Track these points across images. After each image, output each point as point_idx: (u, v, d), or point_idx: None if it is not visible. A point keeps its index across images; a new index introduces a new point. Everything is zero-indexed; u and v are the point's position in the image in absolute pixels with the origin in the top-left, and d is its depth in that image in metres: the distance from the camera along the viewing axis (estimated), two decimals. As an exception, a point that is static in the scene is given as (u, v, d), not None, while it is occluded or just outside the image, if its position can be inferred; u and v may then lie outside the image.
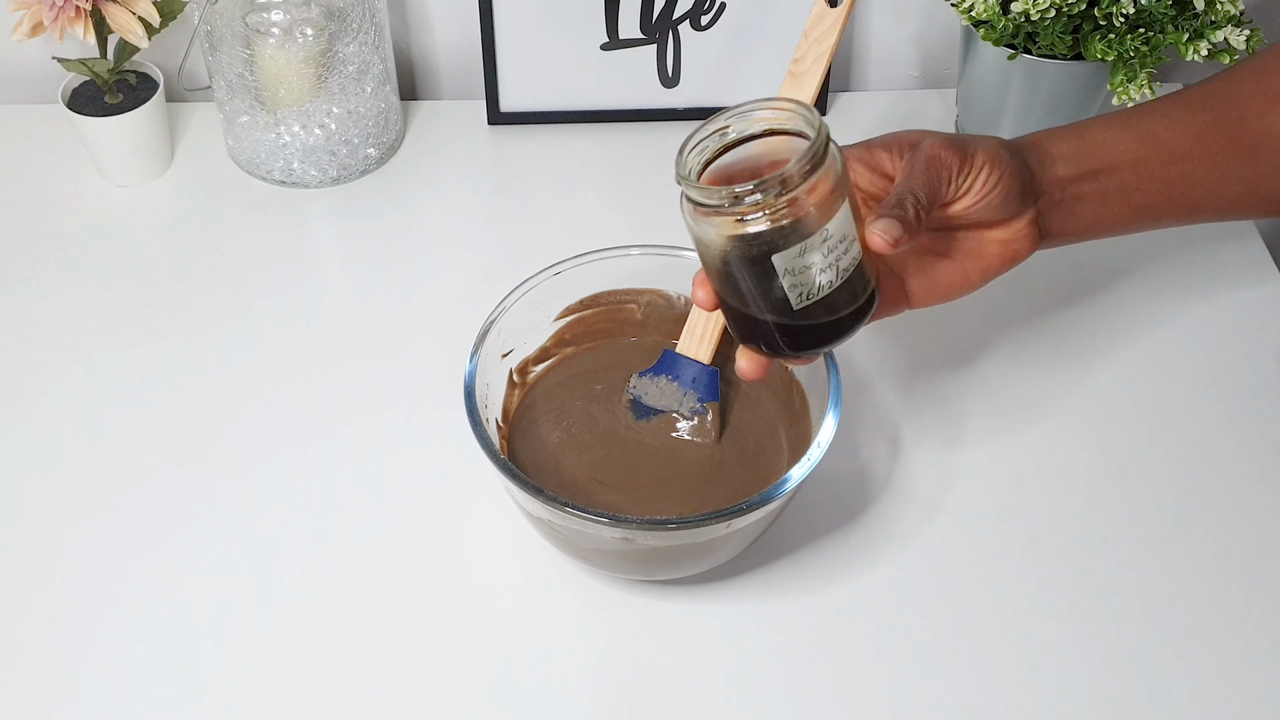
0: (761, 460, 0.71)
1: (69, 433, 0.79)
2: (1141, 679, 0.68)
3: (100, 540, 0.73)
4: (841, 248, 0.56)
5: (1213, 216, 0.71)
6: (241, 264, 0.90)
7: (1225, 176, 0.68)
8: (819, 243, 0.55)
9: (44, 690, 0.67)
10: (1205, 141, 0.67)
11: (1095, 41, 0.86)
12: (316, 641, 0.69)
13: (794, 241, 0.54)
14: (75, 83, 0.93)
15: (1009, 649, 0.69)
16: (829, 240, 0.55)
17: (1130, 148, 0.66)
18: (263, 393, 0.81)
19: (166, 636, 0.69)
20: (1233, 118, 0.67)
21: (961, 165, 0.60)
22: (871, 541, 0.73)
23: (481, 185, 0.98)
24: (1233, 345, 0.84)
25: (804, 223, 0.54)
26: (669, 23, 0.95)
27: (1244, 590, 0.72)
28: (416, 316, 0.86)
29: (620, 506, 0.68)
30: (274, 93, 0.91)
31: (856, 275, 0.57)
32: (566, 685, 0.68)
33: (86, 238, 0.91)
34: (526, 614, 0.71)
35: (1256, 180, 0.68)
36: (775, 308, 0.57)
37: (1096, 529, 0.74)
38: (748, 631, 0.70)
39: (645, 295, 0.75)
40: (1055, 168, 0.64)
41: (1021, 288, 0.88)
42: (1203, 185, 0.68)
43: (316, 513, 0.75)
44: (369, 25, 0.91)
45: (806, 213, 0.54)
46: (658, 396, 0.72)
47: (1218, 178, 0.68)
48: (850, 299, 0.58)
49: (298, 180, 0.95)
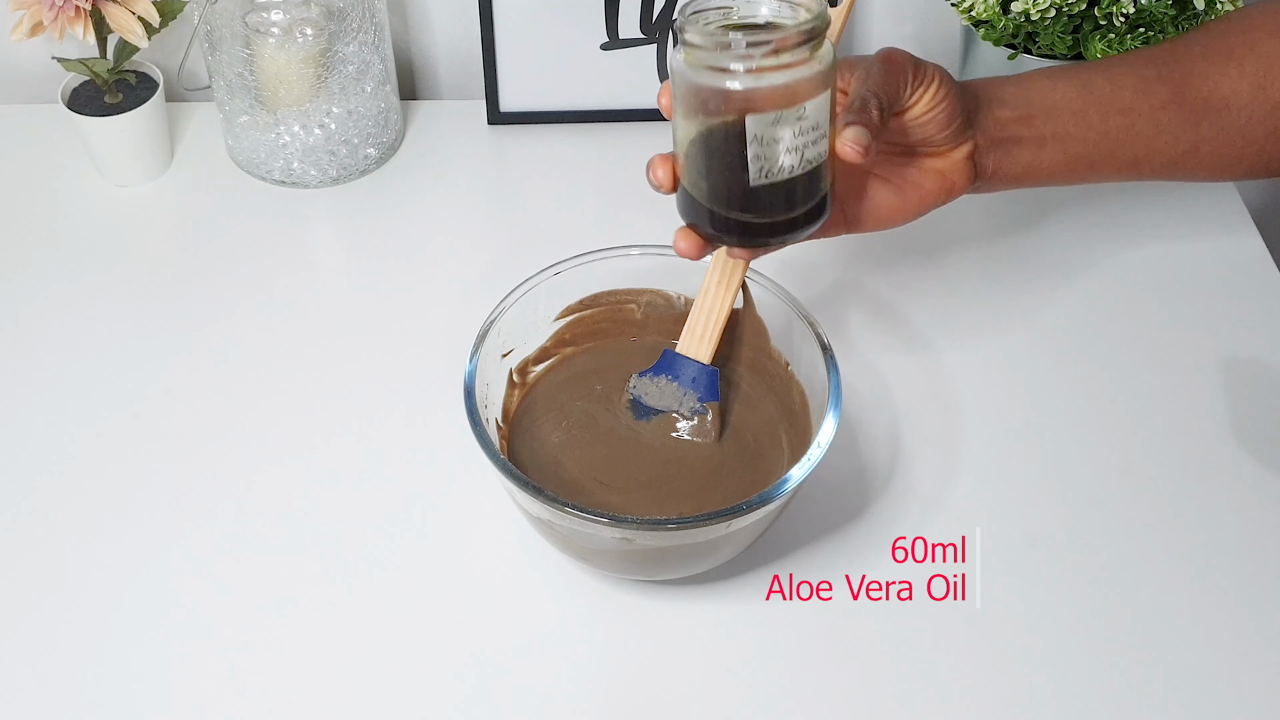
0: (761, 460, 0.71)
1: (68, 432, 0.79)
2: (1142, 678, 0.68)
3: (100, 539, 0.73)
4: (812, 135, 0.57)
5: (1154, 174, 0.72)
6: (241, 264, 0.90)
7: (1166, 133, 0.69)
8: (793, 118, 0.56)
9: (43, 689, 0.67)
10: (1147, 96, 0.68)
11: (1095, 41, 0.86)
12: (316, 641, 0.69)
13: (770, 107, 0.56)
14: (75, 83, 0.93)
15: (1009, 649, 0.69)
16: (803, 121, 0.56)
17: (1070, 96, 0.67)
18: (262, 392, 0.81)
19: (166, 636, 0.69)
20: (1178, 76, 0.69)
21: (915, 72, 0.62)
22: (871, 541, 0.73)
23: (481, 185, 0.98)
24: (1233, 345, 0.84)
25: (784, 90, 0.56)
26: (669, 23, 0.95)
27: (1245, 590, 0.72)
28: (416, 316, 0.86)
29: (620, 506, 0.68)
30: (274, 93, 0.91)
31: (817, 172, 0.59)
32: (566, 685, 0.68)
33: (86, 238, 0.91)
34: (526, 614, 0.71)
35: (1199, 140, 0.69)
36: (733, 181, 0.58)
37: (1096, 529, 0.74)
38: (748, 631, 0.70)
39: (645, 295, 0.75)
40: (995, 109, 0.66)
41: (1022, 288, 0.88)
42: (1143, 139, 0.69)
43: (316, 513, 0.75)
44: (369, 25, 0.91)
45: (789, 82, 0.55)
46: (658, 396, 0.71)
47: (1159, 133, 0.69)
48: (806, 195, 0.59)
49: (298, 180, 0.95)
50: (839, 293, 0.87)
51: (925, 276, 0.89)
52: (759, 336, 0.74)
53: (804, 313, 0.70)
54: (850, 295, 0.87)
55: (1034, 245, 0.92)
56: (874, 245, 0.90)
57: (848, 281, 0.88)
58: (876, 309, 0.86)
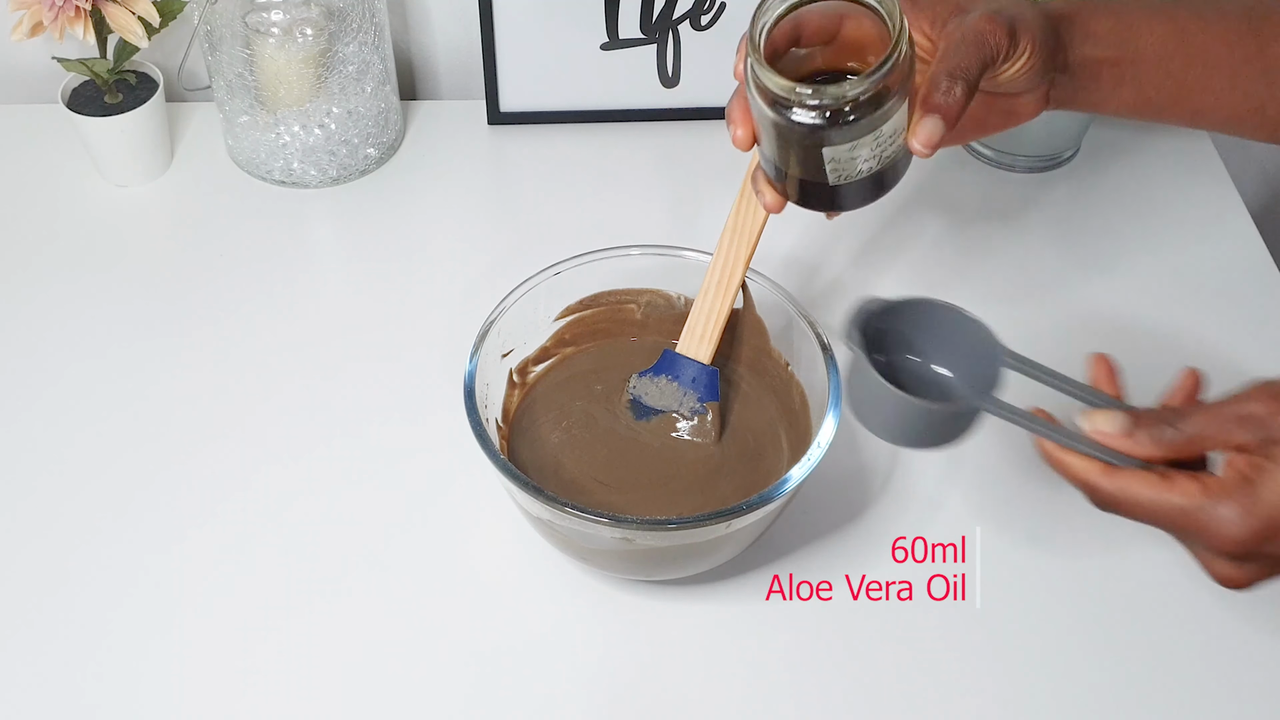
0: (761, 460, 0.71)
1: (68, 432, 0.79)
2: (1141, 678, 0.68)
3: (100, 539, 0.73)
4: (891, 140, 0.55)
5: (1214, 126, 0.70)
6: (241, 264, 0.90)
7: (1239, 90, 0.66)
8: (870, 140, 0.54)
9: (44, 689, 0.67)
10: (1232, 50, 0.65)
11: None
12: (315, 641, 0.69)
13: (847, 140, 0.54)
14: (75, 83, 0.93)
15: (1009, 649, 0.69)
16: (880, 138, 0.55)
17: (1162, 42, 0.64)
18: (262, 392, 0.81)
19: (165, 636, 0.69)
20: (1266, 31, 0.66)
21: (1010, 47, 0.58)
22: (871, 541, 0.73)
23: (481, 185, 0.98)
24: (1232, 344, 0.84)
25: (859, 124, 0.53)
26: (669, 23, 0.95)
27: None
28: (416, 316, 0.86)
29: (620, 506, 0.68)
30: (274, 93, 0.91)
31: (898, 158, 0.57)
32: (566, 685, 0.68)
33: (86, 238, 0.91)
34: (526, 614, 0.71)
35: (1266, 100, 0.66)
36: (812, 175, 0.57)
37: (1097, 529, 0.74)
38: (748, 631, 0.70)
39: (645, 295, 0.75)
40: (1085, 46, 0.62)
41: (1022, 289, 0.88)
42: (1213, 93, 0.66)
43: (315, 513, 0.75)
44: (369, 25, 0.91)
45: (864, 116, 0.53)
46: (657, 396, 0.71)
47: (1232, 89, 0.66)
48: (889, 179, 0.58)
49: (298, 180, 0.95)
50: (839, 293, 0.87)
51: (925, 276, 0.89)
52: (759, 336, 0.74)
53: (804, 313, 0.70)
54: (850, 295, 0.87)
55: (1033, 246, 0.92)
56: (874, 245, 0.90)
57: (848, 281, 0.88)
58: (876, 309, 0.86)
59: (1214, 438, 0.52)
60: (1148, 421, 0.53)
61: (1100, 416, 0.53)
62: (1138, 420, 0.53)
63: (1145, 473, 0.52)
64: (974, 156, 0.98)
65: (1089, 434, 0.53)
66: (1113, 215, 0.94)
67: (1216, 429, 0.52)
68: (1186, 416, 0.52)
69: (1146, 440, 0.53)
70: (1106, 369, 0.58)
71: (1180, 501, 0.51)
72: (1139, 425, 0.53)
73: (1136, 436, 0.53)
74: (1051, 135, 0.95)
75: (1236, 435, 0.51)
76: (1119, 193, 0.96)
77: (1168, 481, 0.52)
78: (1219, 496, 0.51)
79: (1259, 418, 0.51)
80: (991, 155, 0.97)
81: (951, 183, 0.96)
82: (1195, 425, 0.52)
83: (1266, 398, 0.51)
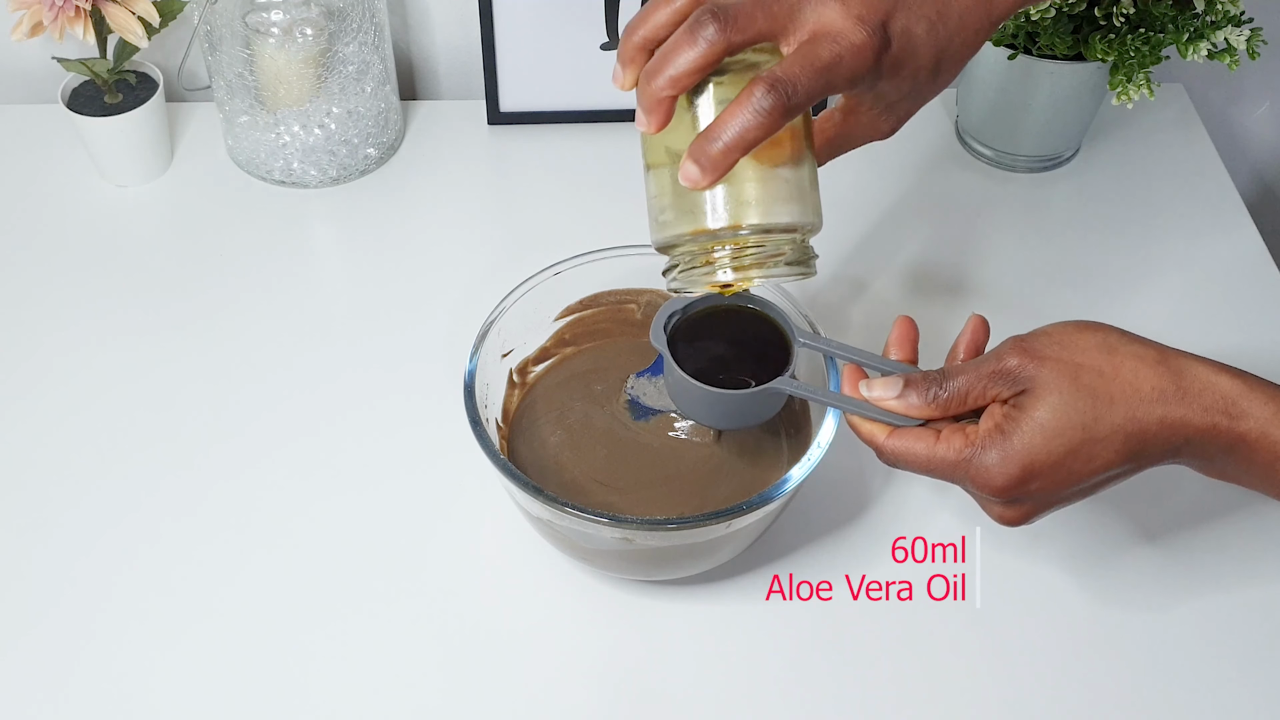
0: (761, 460, 0.71)
1: (68, 431, 0.79)
2: (1141, 678, 0.68)
3: (100, 538, 0.73)
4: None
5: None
6: (241, 264, 0.90)
7: None
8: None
9: (45, 689, 0.67)
10: None
11: (1096, 41, 0.86)
12: (315, 640, 0.69)
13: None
14: (75, 83, 0.93)
15: (1009, 649, 0.69)
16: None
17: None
18: (262, 392, 0.81)
19: (164, 635, 0.69)
20: None
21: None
22: (871, 541, 0.73)
23: (481, 185, 0.98)
24: (1232, 343, 0.84)
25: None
26: (669, 23, 0.95)
27: (1245, 589, 0.72)
28: (416, 316, 0.86)
29: (620, 506, 0.68)
30: (274, 93, 0.91)
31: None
32: (566, 685, 0.68)
33: (86, 238, 0.91)
34: (527, 614, 0.71)
35: None
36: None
37: (1098, 529, 0.74)
38: (748, 631, 0.70)
39: (645, 295, 0.75)
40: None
41: (1021, 288, 0.88)
42: None
43: (315, 512, 0.75)
44: (369, 25, 0.91)
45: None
46: (656, 397, 0.71)
47: None
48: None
49: (298, 180, 0.95)
50: (839, 293, 0.87)
51: (925, 276, 0.89)
52: (759, 336, 0.74)
53: (804, 313, 0.70)
54: (850, 295, 0.87)
55: (1032, 245, 0.92)
56: (873, 245, 0.90)
57: (848, 281, 0.88)
58: (877, 309, 0.86)
59: (976, 392, 0.56)
60: (918, 384, 0.57)
61: (877, 384, 0.58)
62: (909, 384, 0.57)
63: (921, 429, 0.57)
64: (974, 156, 0.98)
65: (868, 400, 0.58)
66: (1113, 215, 0.94)
67: (977, 385, 0.56)
68: (952, 376, 0.56)
69: (918, 401, 0.57)
70: (903, 330, 0.61)
71: (950, 455, 0.55)
72: (909, 388, 0.57)
73: (908, 399, 0.57)
74: (1051, 135, 0.95)
75: (993, 389, 0.55)
76: (1119, 193, 0.96)
77: (938, 437, 0.56)
78: (980, 446, 0.55)
79: (1010, 371, 0.55)
80: (991, 155, 0.97)
81: (951, 183, 0.96)
82: (959, 383, 0.56)
83: (1019, 353, 0.55)
